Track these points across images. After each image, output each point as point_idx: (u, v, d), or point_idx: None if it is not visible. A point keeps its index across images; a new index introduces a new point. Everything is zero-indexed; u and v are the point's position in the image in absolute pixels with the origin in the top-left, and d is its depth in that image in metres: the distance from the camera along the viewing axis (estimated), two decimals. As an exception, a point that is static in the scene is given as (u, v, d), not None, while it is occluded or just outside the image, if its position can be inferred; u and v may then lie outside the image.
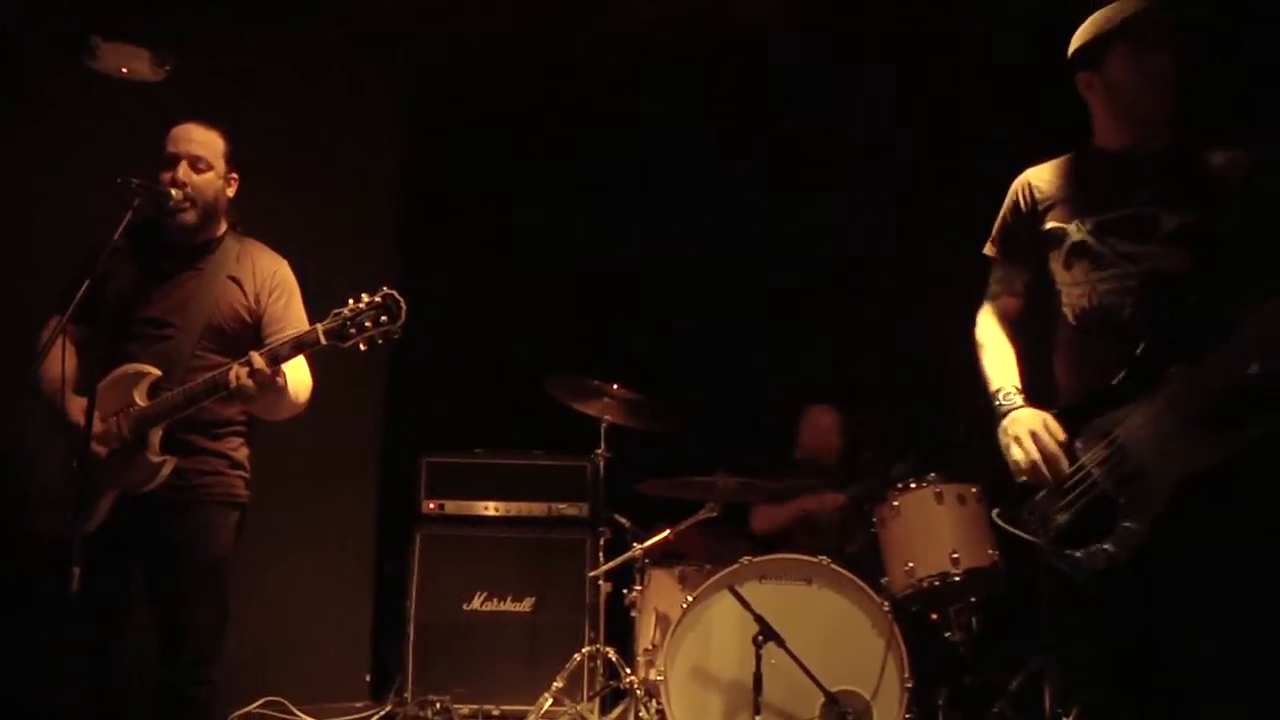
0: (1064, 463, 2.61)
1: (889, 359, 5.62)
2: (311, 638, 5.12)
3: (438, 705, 4.95)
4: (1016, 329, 2.91)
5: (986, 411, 2.89)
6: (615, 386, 4.75)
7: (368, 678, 5.28)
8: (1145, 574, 2.51)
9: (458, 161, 5.95)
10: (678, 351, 5.89)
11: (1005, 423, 2.73)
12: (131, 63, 4.81)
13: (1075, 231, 2.71)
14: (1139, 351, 2.55)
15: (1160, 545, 2.49)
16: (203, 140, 3.30)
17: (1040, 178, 2.86)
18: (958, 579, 4.18)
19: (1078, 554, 2.57)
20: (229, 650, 3.27)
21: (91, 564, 2.73)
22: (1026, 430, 2.66)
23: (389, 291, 3.01)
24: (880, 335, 5.64)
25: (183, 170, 3.24)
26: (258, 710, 4.68)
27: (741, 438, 5.39)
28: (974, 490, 4.33)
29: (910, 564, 4.25)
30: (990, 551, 4.24)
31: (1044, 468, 2.61)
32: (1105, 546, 2.53)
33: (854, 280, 5.87)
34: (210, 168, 3.28)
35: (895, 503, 4.38)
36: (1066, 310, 2.74)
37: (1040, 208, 2.81)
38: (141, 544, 3.13)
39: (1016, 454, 2.66)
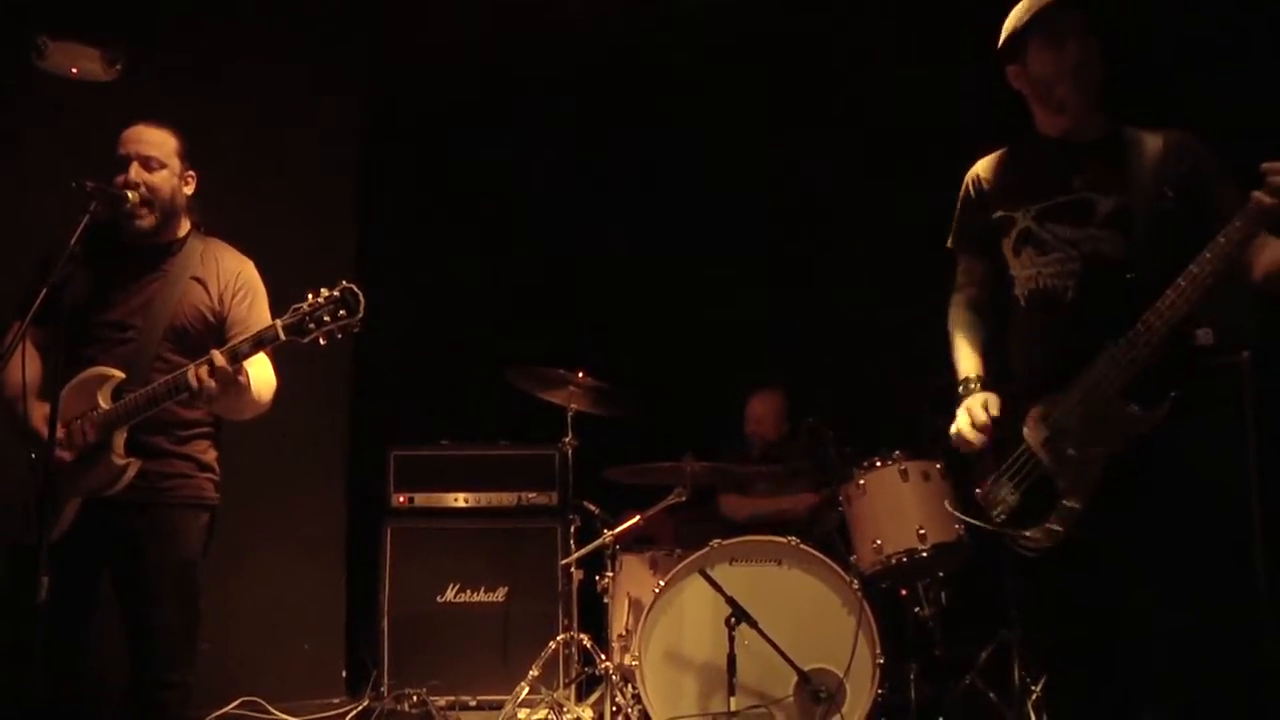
0: (986, 433, 2.76)
1: (853, 340, 5.67)
2: (286, 636, 5.11)
3: (414, 698, 4.96)
4: (983, 317, 3.02)
5: (953, 390, 2.97)
6: (580, 374, 4.76)
7: (343, 674, 5.27)
8: (1089, 546, 2.62)
9: (416, 155, 5.94)
10: (641, 338, 5.92)
11: (958, 409, 2.87)
12: (82, 62, 4.76)
13: (1021, 219, 2.80)
14: (1079, 334, 2.64)
15: (1099, 519, 2.59)
16: (153, 140, 3.26)
17: (986, 169, 2.96)
18: (925, 554, 4.23)
19: (1026, 533, 2.67)
20: (203, 651, 3.26)
21: (58, 569, 2.71)
22: (965, 407, 2.83)
23: (347, 285, 3.00)
24: (844, 316, 5.69)
25: (135, 171, 3.21)
26: (234, 711, 4.68)
27: (707, 422, 5.43)
28: (938, 466, 4.38)
29: (878, 541, 4.29)
30: (956, 526, 4.29)
31: (974, 435, 2.77)
32: (1050, 525, 2.63)
33: (818, 262, 5.92)
34: (163, 166, 3.25)
35: (861, 481, 4.42)
36: (1018, 294, 2.83)
37: (989, 198, 2.92)
38: (109, 548, 3.12)
39: (952, 429, 2.85)
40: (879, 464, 4.42)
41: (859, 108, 5.61)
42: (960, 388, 2.93)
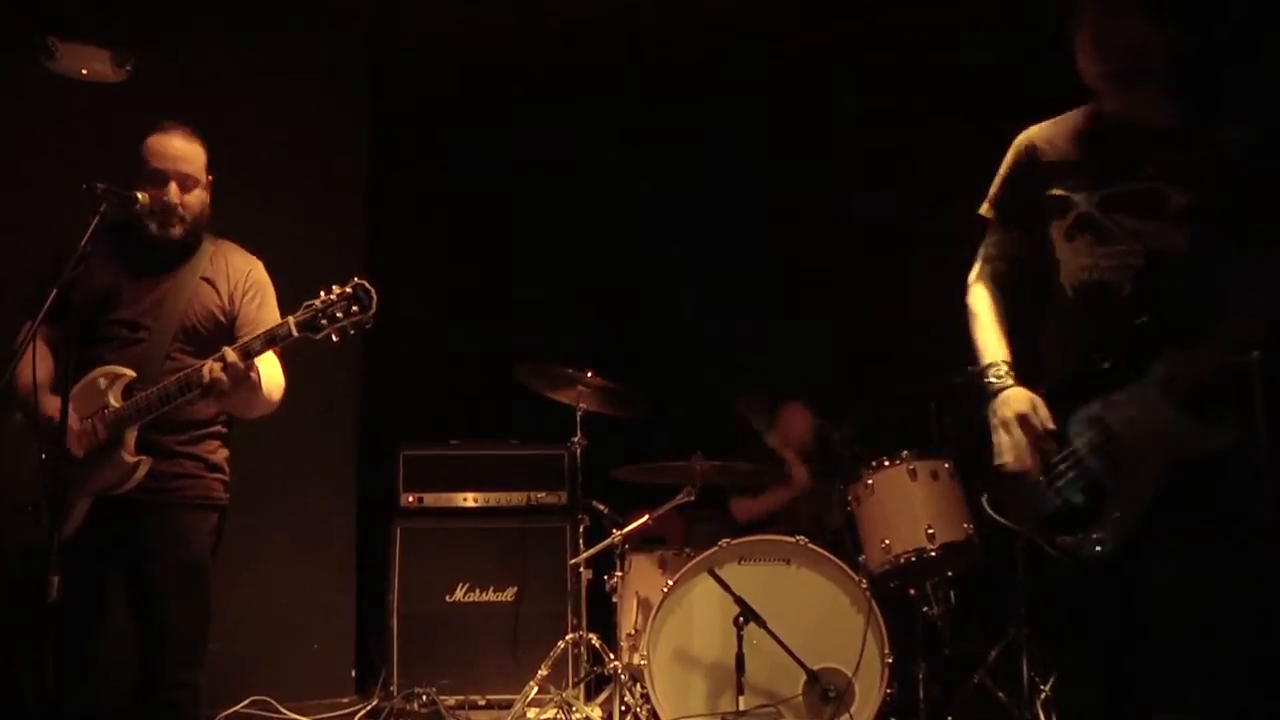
0: (1050, 451, 2.55)
1: (861, 338, 5.67)
2: (295, 635, 5.12)
3: (424, 697, 4.97)
4: (1008, 296, 2.80)
5: (961, 389, 2.88)
6: (589, 374, 4.77)
7: (353, 673, 5.28)
8: (1132, 561, 2.47)
9: (427, 156, 5.96)
10: (649, 337, 5.92)
11: (995, 403, 2.64)
12: (91, 64, 4.78)
13: (1082, 202, 2.58)
14: (1135, 334, 2.47)
15: (1147, 534, 2.44)
16: (190, 156, 3.24)
17: (1045, 138, 2.72)
18: (934, 554, 4.23)
19: (1067, 540, 2.51)
20: (213, 651, 3.26)
21: (68, 569, 2.72)
22: (1014, 414, 2.59)
23: (359, 281, 3.00)
24: (852, 315, 5.69)
25: (173, 192, 3.19)
26: (244, 710, 4.69)
27: (716, 421, 5.43)
28: (947, 465, 4.39)
29: (887, 541, 4.29)
30: (965, 525, 4.29)
31: (1028, 458, 2.56)
32: (1094, 535, 2.48)
33: (827, 260, 5.92)
34: (197, 183, 3.26)
35: (869, 481, 4.42)
36: (1065, 283, 2.63)
37: (1044, 172, 2.68)
38: (119, 548, 3.12)
39: (1003, 439, 2.60)
40: (887, 464, 4.42)
41: (866, 108, 5.61)
42: (987, 373, 2.69)
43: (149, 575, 3.15)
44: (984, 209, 2.84)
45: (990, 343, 2.73)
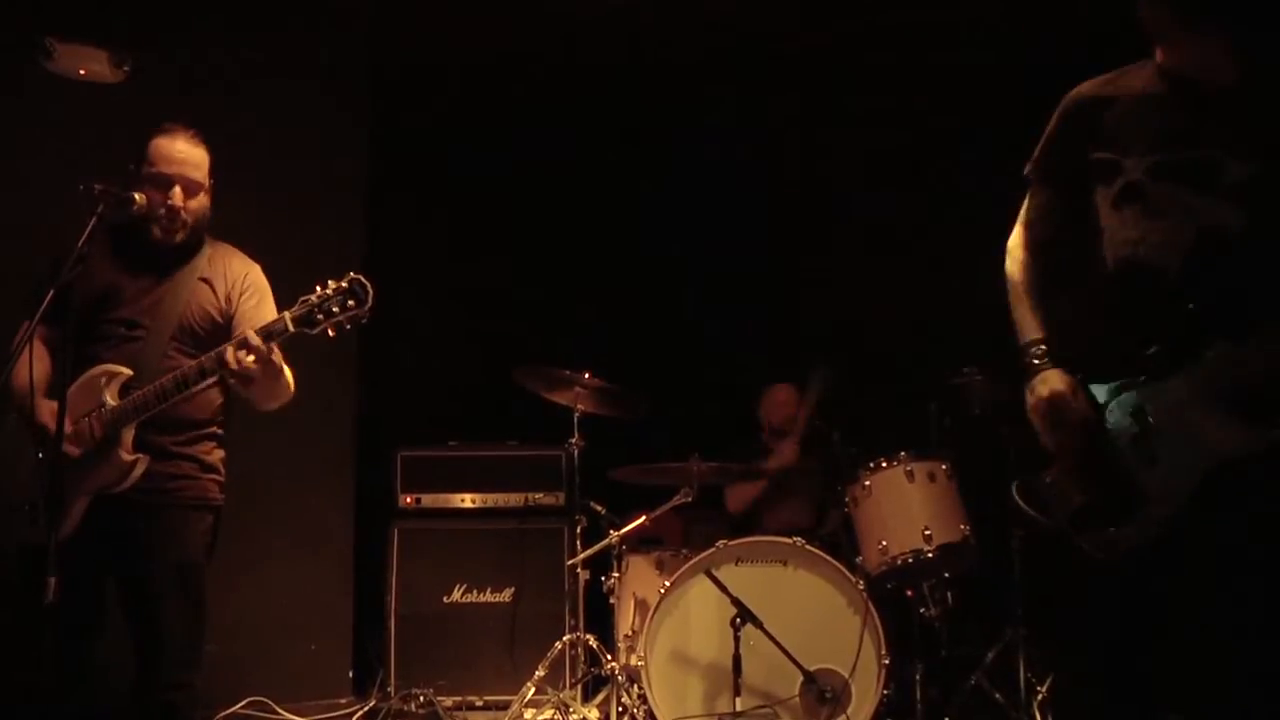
0: (1086, 440, 2.37)
1: (859, 339, 5.68)
2: (293, 636, 5.12)
3: (421, 698, 4.97)
4: (1047, 264, 2.57)
5: (960, 389, 2.70)
6: (586, 375, 4.77)
7: (350, 674, 5.28)
8: (1165, 559, 2.31)
9: (424, 157, 5.96)
10: (647, 339, 5.93)
11: (1034, 383, 2.45)
12: (89, 64, 4.78)
13: (1131, 169, 2.36)
14: (1182, 321, 2.27)
15: (1184, 533, 2.26)
16: (195, 161, 3.24)
17: (1096, 95, 2.49)
18: (931, 555, 4.23)
19: (1099, 534, 2.35)
20: (210, 652, 3.26)
21: (65, 569, 2.72)
22: (1051, 397, 2.40)
23: (355, 276, 3.00)
24: (850, 316, 5.70)
25: (178, 196, 3.19)
26: (242, 710, 4.68)
27: (714, 421, 5.44)
28: (944, 467, 4.39)
29: (884, 542, 4.29)
30: (962, 526, 4.30)
31: (1064, 445, 2.40)
32: (1129, 529, 2.31)
33: (824, 262, 5.92)
34: (201, 188, 3.26)
35: (867, 482, 4.43)
36: (1107, 254, 2.41)
37: (1092, 132, 2.45)
38: (115, 549, 3.11)
39: (1040, 423, 2.43)
40: (884, 465, 4.42)
41: (864, 109, 5.61)
42: (1031, 353, 2.47)
43: (145, 576, 3.14)
44: (1028, 168, 2.63)
45: (1029, 319, 2.52)
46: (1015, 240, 2.63)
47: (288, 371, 3.24)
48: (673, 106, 5.83)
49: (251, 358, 2.99)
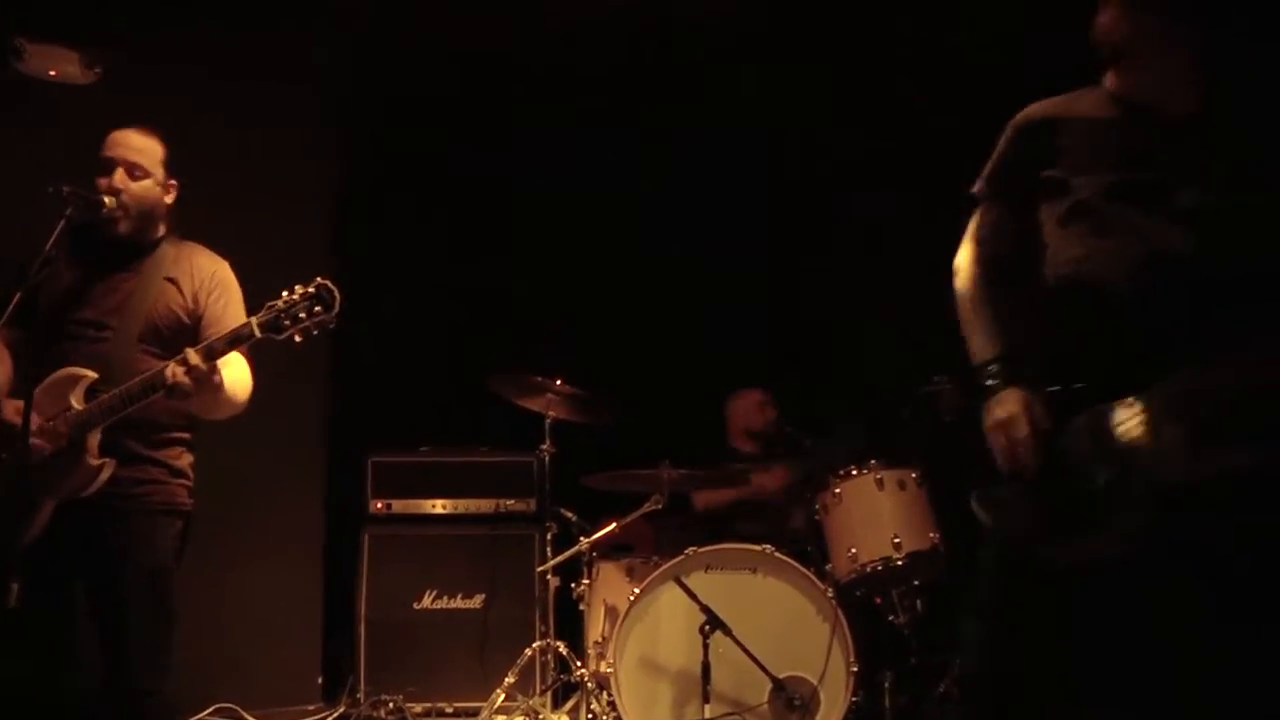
0: (1043, 456, 2.36)
1: (831, 347, 5.70)
2: (262, 642, 5.10)
3: (391, 704, 4.95)
4: (999, 280, 2.56)
5: (931, 397, 2.71)
6: (558, 382, 4.78)
7: (320, 680, 5.27)
8: (1116, 576, 2.29)
9: (393, 159, 5.95)
10: (619, 346, 5.93)
11: (990, 404, 2.44)
12: (60, 65, 4.76)
13: (1081, 187, 2.37)
14: (1134, 341, 2.27)
15: (1139, 552, 2.25)
16: (141, 146, 3.25)
17: (1049, 115, 2.49)
18: (900, 563, 4.26)
19: (1054, 548, 2.34)
20: (178, 658, 3.23)
21: (32, 576, 2.70)
22: (1008, 416, 2.39)
23: (322, 282, 2.99)
24: (822, 321, 5.72)
25: (119, 177, 3.19)
26: (210, 718, 4.65)
27: (684, 428, 5.45)
28: (914, 475, 4.42)
29: (853, 549, 4.32)
30: (931, 535, 4.33)
31: (1022, 462, 2.38)
32: (1084, 543, 2.30)
33: (797, 269, 5.95)
34: (148, 175, 3.25)
35: (837, 490, 4.45)
36: (1049, 271, 2.42)
37: (1045, 151, 2.45)
38: (82, 554, 3.09)
39: (998, 441, 2.42)
40: (855, 472, 4.45)
41: (839, 112, 5.63)
42: (989, 370, 2.46)
43: (112, 581, 3.11)
44: (977, 186, 2.63)
45: (983, 338, 2.51)
46: (964, 258, 2.62)
47: (243, 380, 3.23)
48: (651, 110, 5.83)
49: (187, 378, 2.96)
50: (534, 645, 4.78)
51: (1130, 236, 2.30)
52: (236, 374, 3.20)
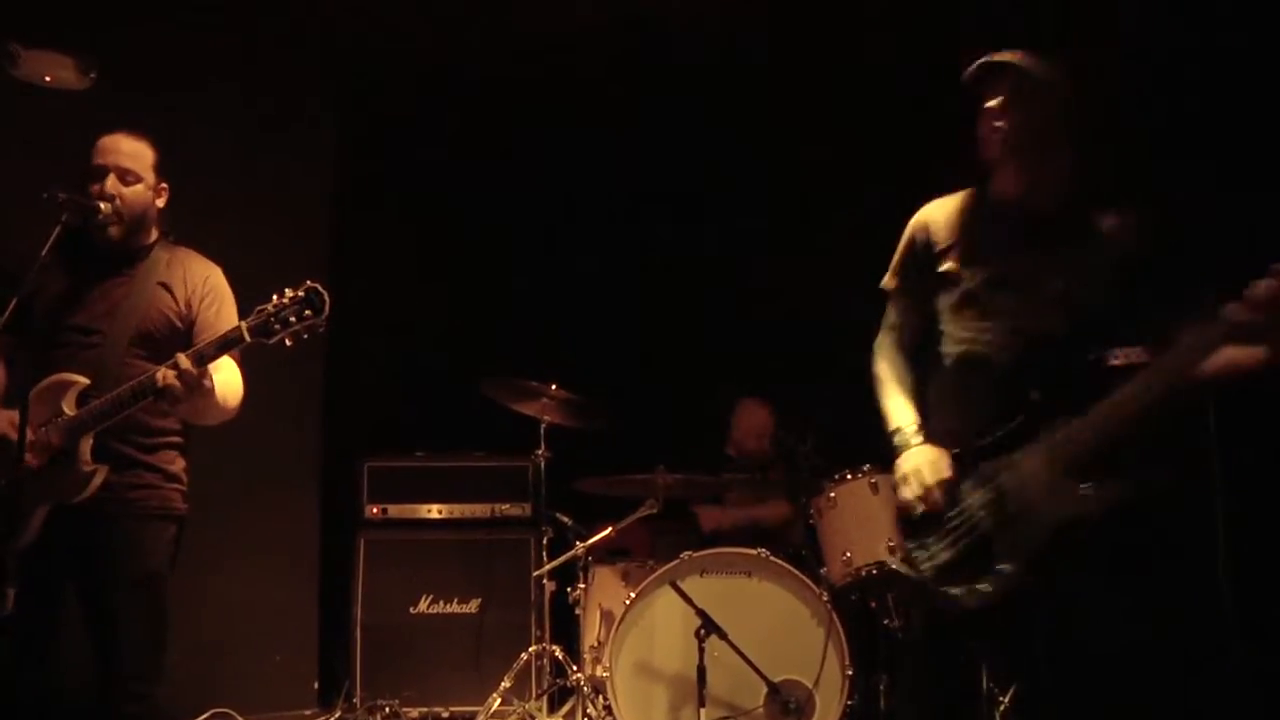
0: (940, 498, 2.67)
1: (827, 350, 5.69)
2: (258, 646, 5.10)
3: (386, 709, 4.96)
4: (913, 362, 2.93)
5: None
6: (553, 387, 4.78)
7: (315, 684, 5.26)
8: (1015, 615, 2.58)
9: (389, 164, 5.95)
10: (614, 351, 5.93)
11: (900, 460, 2.77)
12: (55, 70, 4.74)
13: (968, 279, 2.74)
14: (1021, 405, 2.60)
15: (1031, 589, 2.54)
16: (131, 151, 3.26)
17: (935, 218, 2.85)
18: (895, 567, 4.25)
19: (955, 591, 2.60)
20: (174, 662, 3.23)
21: (24, 579, 2.70)
22: (912, 469, 2.72)
23: (312, 285, 2.99)
24: (818, 327, 5.72)
25: (111, 183, 3.20)
26: (204, 723, 4.66)
27: (679, 434, 5.44)
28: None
29: (848, 553, 4.30)
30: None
31: (923, 507, 2.68)
32: (980, 586, 2.57)
33: (791, 273, 5.94)
34: (139, 179, 3.25)
35: (831, 494, 4.43)
36: (946, 353, 2.78)
37: (936, 249, 2.81)
38: (75, 559, 3.09)
39: (904, 492, 2.73)
40: (849, 476, 4.43)
41: (833, 114, 5.63)
42: (894, 437, 2.83)
43: (106, 586, 3.12)
44: (886, 280, 2.99)
45: (896, 407, 2.86)
46: (881, 341, 2.99)
47: (234, 385, 3.23)
48: (644, 115, 5.83)
49: (178, 382, 2.97)
50: (530, 649, 4.79)
51: (1010, 320, 2.66)
52: (227, 379, 3.21)
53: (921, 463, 2.71)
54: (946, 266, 2.78)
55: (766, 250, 5.97)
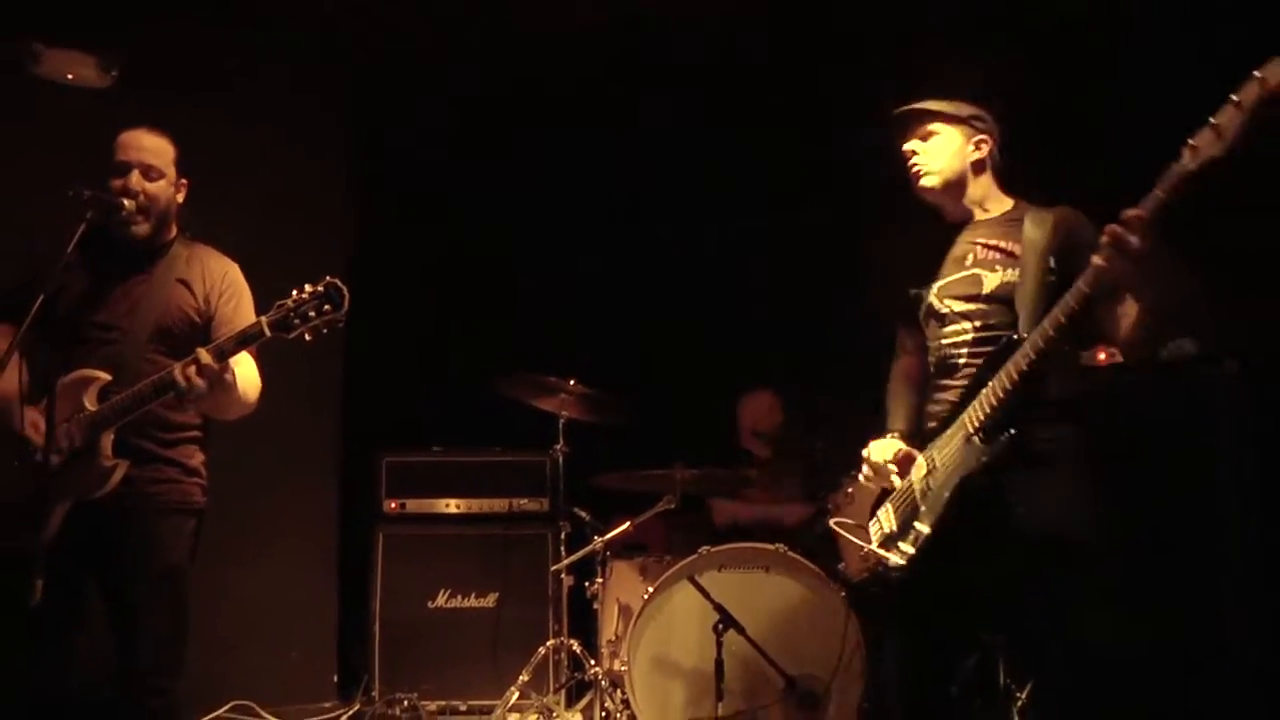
0: (886, 474, 3.09)
1: (844, 349, 5.68)
2: (277, 640, 5.12)
3: (405, 703, 4.97)
4: (914, 381, 3.28)
5: None
6: (572, 382, 4.79)
7: (335, 678, 5.28)
8: (929, 567, 2.90)
9: (407, 158, 5.96)
10: (632, 346, 5.94)
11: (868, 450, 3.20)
12: (77, 69, 4.77)
13: (927, 294, 3.11)
14: (965, 391, 2.92)
15: (940, 543, 2.86)
16: (154, 148, 3.28)
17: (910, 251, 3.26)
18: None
19: (891, 556, 2.97)
20: (193, 655, 3.25)
21: (46, 576, 2.72)
22: (867, 453, 3.17)
23: (331, 280, 3.01)
24: (835, 325, 5.71)
25: (135, 179, 3.22)
26: (225, 715, 4.68)
27: (698, 430, 5.45)
28: (925, 473, 4.42)
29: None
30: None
31: (871, 482, 3.18)
32: (901, 545, 2.95)
33: (810, 270, 5.93)
34: (162, 175, 3.27)
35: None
36: (930, 361, 3.14)
37: (911, 277, 3.21)
38: (96, 554, 3.11)
39: (860, 476, 3.24)
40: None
41: (843, 114, 5.61)
42: (888, 433, 3.22)
43: (126, 581, 3.14)
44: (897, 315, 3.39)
45: (888, 418, 3.27)
46: (894, 366, 3.37)
47: (252, 380, 3.25)
48: (661, 111, 5.82)
49: (200, 377, 2.99)
50: (547, 644, 4.80)
51: (962, 321, 3.01)
52: (245, 373, 3.22)
53: (874, 448, 3.16)
54: (914, 289, 3.20)
55: (772, 247, 5.97)
